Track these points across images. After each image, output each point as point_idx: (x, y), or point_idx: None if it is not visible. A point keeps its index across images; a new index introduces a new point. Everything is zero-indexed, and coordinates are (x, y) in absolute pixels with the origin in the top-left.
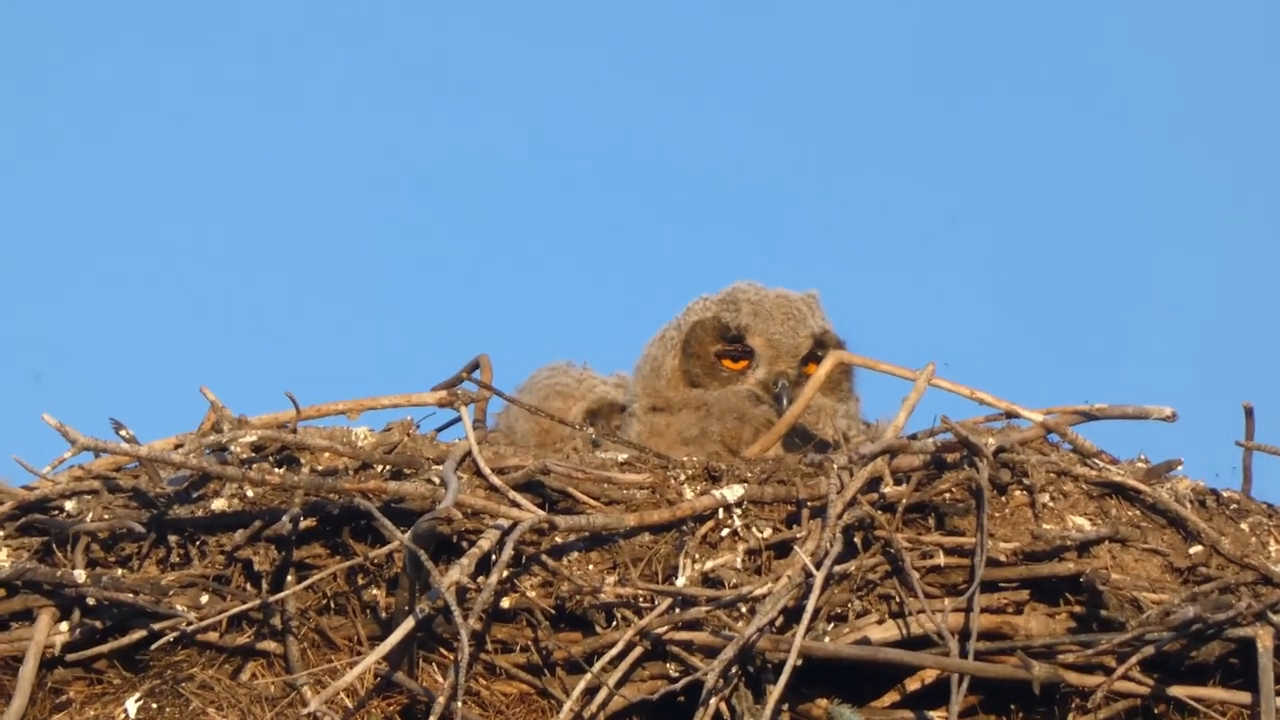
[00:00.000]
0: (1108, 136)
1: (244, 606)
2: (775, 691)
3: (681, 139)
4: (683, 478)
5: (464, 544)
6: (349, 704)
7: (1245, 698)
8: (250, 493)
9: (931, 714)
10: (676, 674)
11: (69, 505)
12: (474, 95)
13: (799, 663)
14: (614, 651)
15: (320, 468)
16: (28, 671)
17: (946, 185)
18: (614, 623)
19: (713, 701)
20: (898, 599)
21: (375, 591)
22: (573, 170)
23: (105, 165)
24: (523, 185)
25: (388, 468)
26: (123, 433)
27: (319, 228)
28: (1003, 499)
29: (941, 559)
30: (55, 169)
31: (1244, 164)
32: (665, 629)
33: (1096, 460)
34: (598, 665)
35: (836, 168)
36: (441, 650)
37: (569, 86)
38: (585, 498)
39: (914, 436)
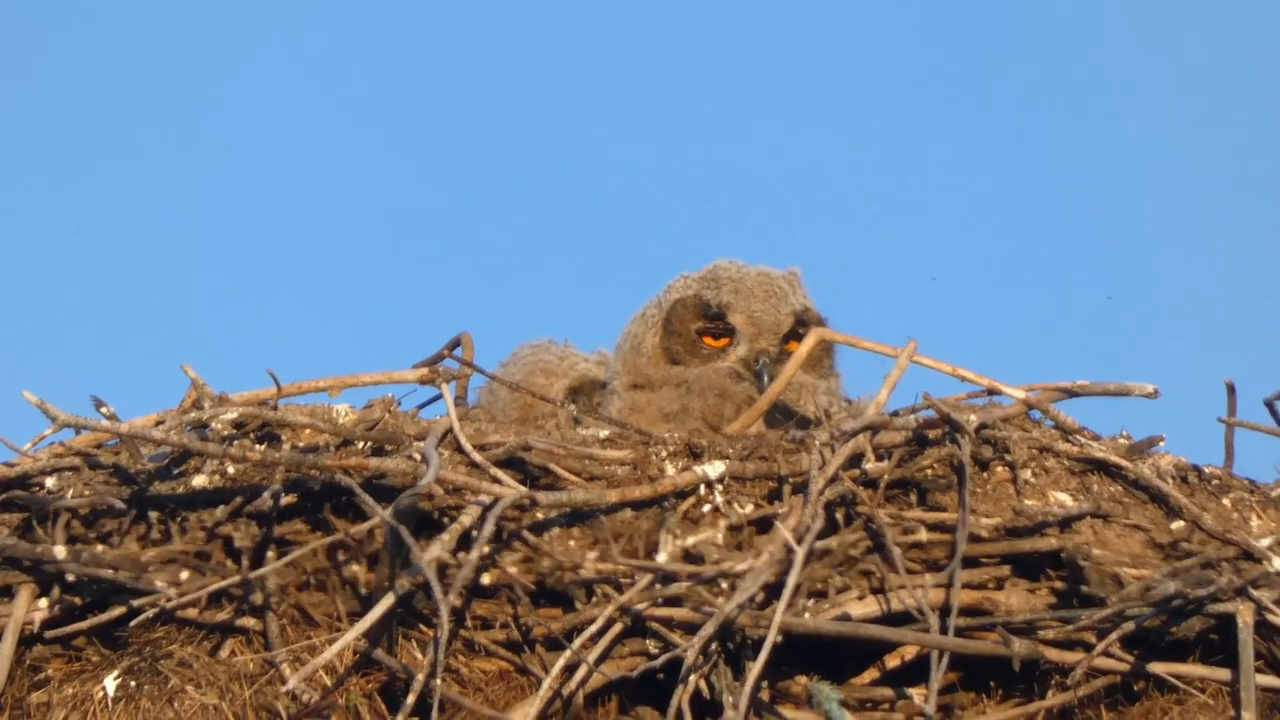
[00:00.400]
0: (1094, 139)
1: (224, 583)
2: (755, 668)
3: (667, 128)
4: (664, 454)
5: (445, 520)
6: (328, 681)
7: (1225, 674)
8: (231, 469)
9: (911, 691)
10: (656, 651)
11: (49, 482)
12: (458, 84)
13: (779, 639)
14: (594, 628)
15: (301, 444)
16: (6, 648)
17: (936, 189)
18: (594, 599)
19: (692, 679)
20: (879, 575)
21: (356, 568)
22: (554, 152)
23: (89, 144)
24: (504, 165)
25: (369, 444)
26: (103, 409)
27: (301, 208)
28: (984, 475)
29: (923, 535)
30: (39, 147)
31: (1229, 154)
32: (645, 605)
33: (1078, 437)
34: (577, 642)
35: (830, 161)
36: (421, 627)
37: (553, 76)
38: (567, 474)
39: (896, 413)
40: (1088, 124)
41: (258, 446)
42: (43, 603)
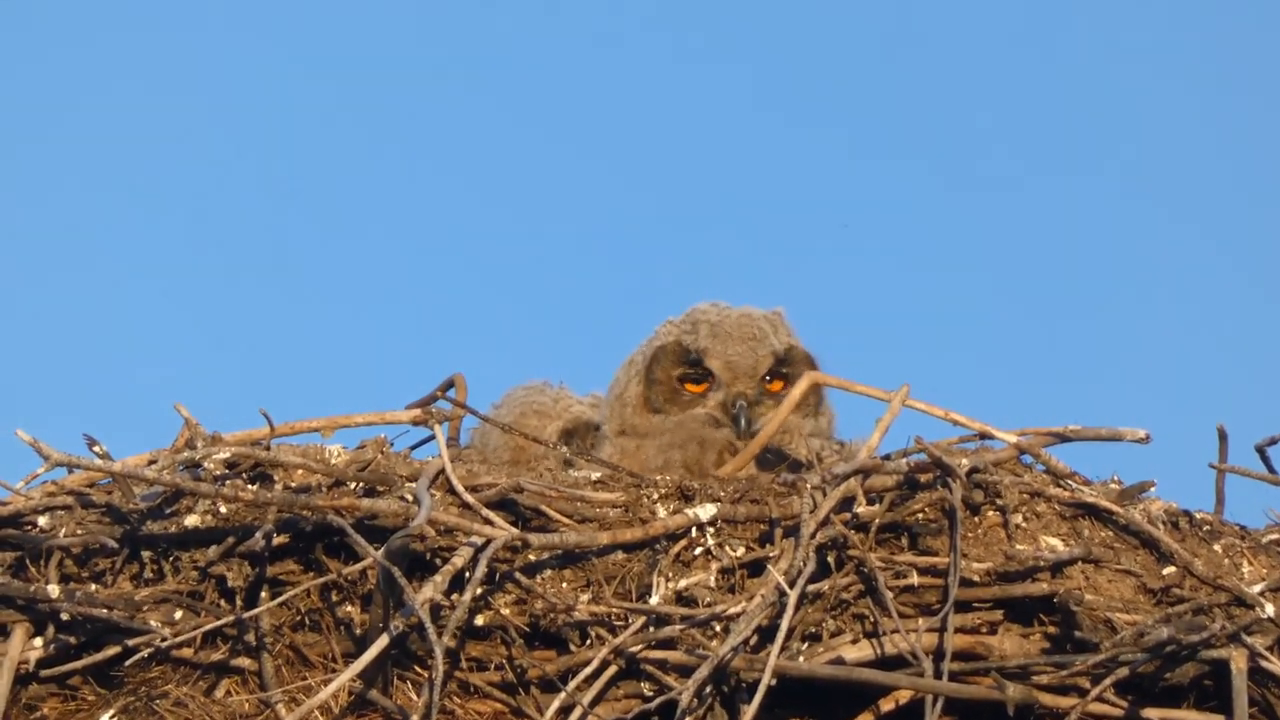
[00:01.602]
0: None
1: (218, 623)
2: (749, 711)
3: (657, 158)
4: (656, 496)
5: (437, 561)
6: None
7: None
8: (223, 509)
9: None
10: (651, 693)
11: (42, 520)
12: (446, 108)
13: (773, 682)
14: (588, 670)
15: (294, 485)
16: (2, 687)
17: (928, 230)
18: (588, 641)
19: None
20: (871, 619)
21: (349, 608)
22: (552, 188)
23: (71, 186)
24: (499, 204)
25: (361, 485)
26: (96, 449)
27: (293, 246)
28: (976, 519)
29: (915, 579)
30: (20, 187)
31: (1222, 196)
32: (639, 648)
33: (1069, 481)
34: (572, 684)
35: (816, 185)
36: (416, 668)
37: (553, 102)
38: (558, 516)
39: (888, 457)
40: (1078, 161)
41: (250, 486)
42: (38, 642)
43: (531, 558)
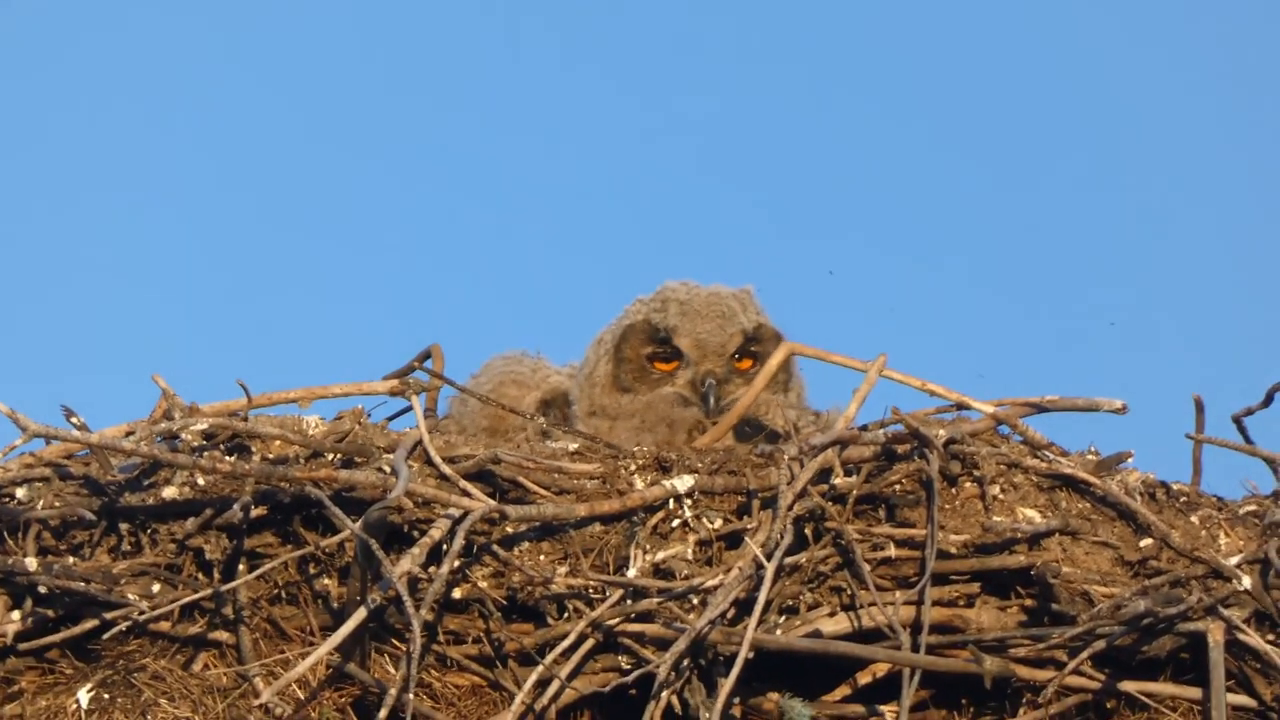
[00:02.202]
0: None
1: (195, 596)
2: (727, 684)
3: (638, 129)
4: (633, 468)
5: (415, 533)
6: (301, 695)
7: (1196, 693)
8: (201, 481)
9: (883, 708)
10: (628, 666)
11: (20, 492)
12: (430, 83)
13: (750, 655)
14: (566, 643)
15: (271, 456)
16: None
17: (903, 199)
18: (565, 614)
19: (664, 694)
20: (849, 591)
21: (327, 581)
22: (527, 159)
23: (53, 151)
24: (475, 172)
25: (339, 456)
26: (74, 420)
27: (271, 216)
28: (953, 491)
29: (892, 551)
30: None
31: (1201, 167)
32: (617, 621)
33: (1047, 452)
34: (550, 657)
35: (812, 157)
36: (393, 641)
37: (532, 78)
38: (536, 487)
39: (865, 428)
40: (1059, 131)
41: (228, 458)
42: (15, 615)
43: (509, 530)
